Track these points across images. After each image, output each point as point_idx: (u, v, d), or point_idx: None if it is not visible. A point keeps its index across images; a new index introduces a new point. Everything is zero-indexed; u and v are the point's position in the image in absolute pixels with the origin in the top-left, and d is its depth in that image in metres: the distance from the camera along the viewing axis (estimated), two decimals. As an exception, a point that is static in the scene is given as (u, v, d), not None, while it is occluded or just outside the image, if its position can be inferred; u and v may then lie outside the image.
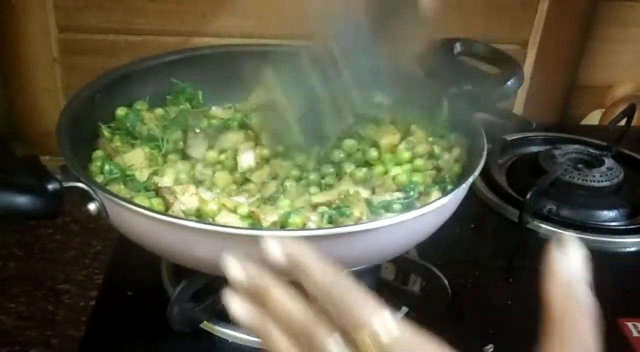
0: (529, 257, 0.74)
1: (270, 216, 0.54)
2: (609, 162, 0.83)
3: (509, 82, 0.72)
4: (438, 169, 0.63)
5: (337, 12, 0.61)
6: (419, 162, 0.64)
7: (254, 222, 0.55)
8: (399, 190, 0.60)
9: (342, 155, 0.64)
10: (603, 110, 1.06)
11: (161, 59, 0.70)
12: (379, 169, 0.64)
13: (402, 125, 0.68)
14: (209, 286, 0.57)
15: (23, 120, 0.93)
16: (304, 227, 0.54)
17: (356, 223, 0.54)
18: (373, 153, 0.65)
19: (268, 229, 0.53)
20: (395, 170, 0.63)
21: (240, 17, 0.88)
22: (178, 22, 0.88)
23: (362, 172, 0.63)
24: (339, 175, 0.63)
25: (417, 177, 0.62)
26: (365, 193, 0.59)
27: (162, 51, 0.72)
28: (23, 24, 0.87)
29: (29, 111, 0.92)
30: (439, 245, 0.69)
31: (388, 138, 0.65)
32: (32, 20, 0.86)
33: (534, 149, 0.91)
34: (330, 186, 0.62)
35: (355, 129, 0.66)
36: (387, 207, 0.58)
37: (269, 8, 0.87)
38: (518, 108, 1.04)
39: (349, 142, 0.65)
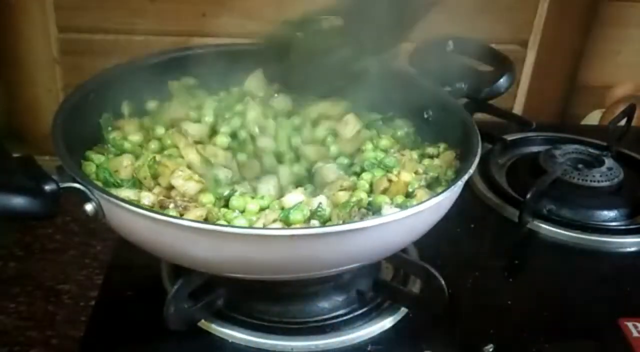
0: (529, 257, 0.74)
1: (271, 214, 0.55)
2: (609, 162, 0.83)
3: (501, 80, 0.72)
4: (428, 174, 0.63)
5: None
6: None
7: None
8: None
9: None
10: (603, 110, 1.06)
11: (156, 59, 0.70)
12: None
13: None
14: (206, 284, 0.58)
15: (23, 120, 0.93)
16: (304, 223, 0.54)
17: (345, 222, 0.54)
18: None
19: (265, 227, 0.54)
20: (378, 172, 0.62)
21: (240, 17, 0.88)
22: (178, 22, 0.88)
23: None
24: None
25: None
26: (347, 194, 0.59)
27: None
28: (23, 24, 0.87)
29: (29, 111, 0.92)
30: (439, 245, 0.69)
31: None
32: (32, 21, 0.87)
33: (534, 149, 0.90)
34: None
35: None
36: None
37: (269, 8, 0.87)
38: (518, 108, 1.04)
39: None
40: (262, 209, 0.57)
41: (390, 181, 0.59)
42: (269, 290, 0.61)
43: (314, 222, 0.55)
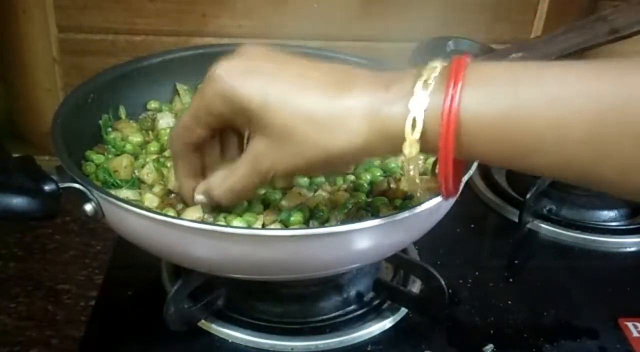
0: (529, 257, 0.74)
1: (270, 215, 0.55)
2: (609, 162, 0.83)
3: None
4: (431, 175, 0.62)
5: None
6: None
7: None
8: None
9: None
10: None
11: (156, 59, 0.70)
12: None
13: None
14: (205, 284, 0.58)
15: (23, 120, 0.93)
16: (304, 224, 0.54)
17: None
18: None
19: (266, 228, 0.53)
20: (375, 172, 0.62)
21: (240, 17, 0.88)
22: (178, 22, 0.88)
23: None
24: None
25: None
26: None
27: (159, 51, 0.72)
28: (23, 24, 0.87)
29: (29, 111, 0.92)
30: (439, 245, 0.70)
31: None
32: (32, 20, 0.86)
33: (534, 149, 0.90)
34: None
35: None
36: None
37: (269, 8, 0.87)
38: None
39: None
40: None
41: (389, 184, 0.59)
42: (269, 290, 0.61)
43: (313, 223, 0.55)
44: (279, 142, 0.43)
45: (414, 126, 0.40)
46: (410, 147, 0.40)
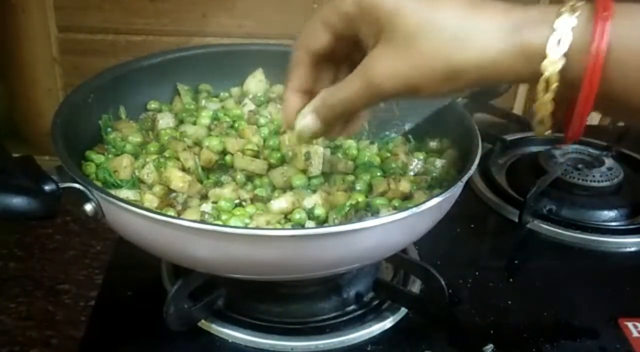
0: (529, 257, 0.74)
1: (263, 216, 0.55)
2: (609, 162, 0.83)
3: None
4: (430, 175, 0.62)
5: None
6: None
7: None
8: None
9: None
10: (603, 110, 1.06)
11: (156, 59, 0.70)
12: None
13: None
14: (205, 284, 0.58)
15: (23, 120, 0.93)
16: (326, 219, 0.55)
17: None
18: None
19: (263, 227, 0.53)
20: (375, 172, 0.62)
21: (240, 17, 0.88)
22: (178, 22, 0.88)
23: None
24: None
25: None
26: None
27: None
28: (23, 24, 0.87)
29: (29, 111, 0.92)
30: (439, 245, 0.69)
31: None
32: (32, 20, 0.87)
33: (534, 149, 0.90)
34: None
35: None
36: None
37: (269, 8, 0.87)
38: (518, 108, 1.04)
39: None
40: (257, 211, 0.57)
41: (389, 184, 0.59)
42: (269, 290, 0.61)
43: (310, 223, 0.55)
44: (400, 49, 0.42)
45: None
46: (552, 66, 0.39)
